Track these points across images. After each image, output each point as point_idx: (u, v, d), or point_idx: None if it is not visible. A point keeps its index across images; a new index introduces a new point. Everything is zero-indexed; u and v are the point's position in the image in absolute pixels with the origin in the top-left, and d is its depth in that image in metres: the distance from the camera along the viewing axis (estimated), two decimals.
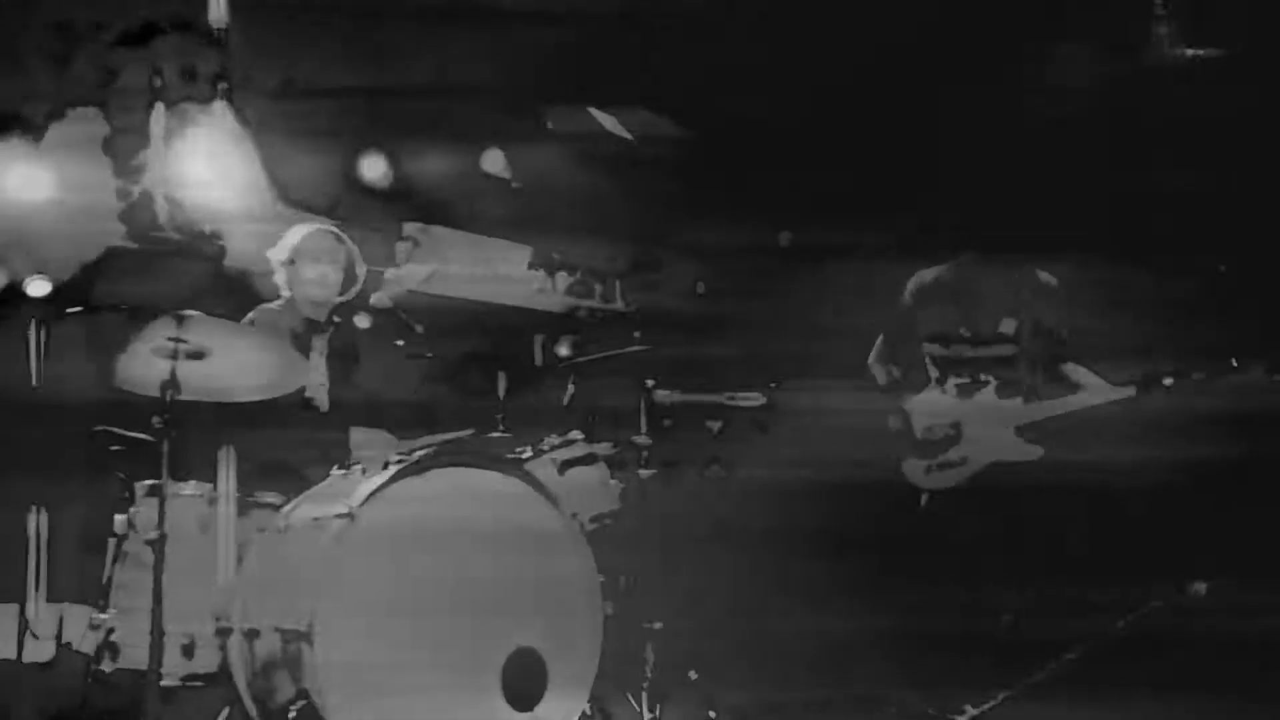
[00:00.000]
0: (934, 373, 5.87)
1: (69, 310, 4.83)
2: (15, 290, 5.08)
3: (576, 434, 5.22)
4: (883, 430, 5.75)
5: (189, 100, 5.63)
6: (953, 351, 5.83)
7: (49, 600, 5.09)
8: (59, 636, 4.99)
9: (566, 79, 6.39)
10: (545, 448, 5.15)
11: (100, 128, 5.54)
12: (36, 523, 5.08)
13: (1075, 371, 5.79)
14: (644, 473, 5.22)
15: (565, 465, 5.14)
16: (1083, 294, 5.80)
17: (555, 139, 6.59)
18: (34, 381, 5.04)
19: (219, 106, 5.65)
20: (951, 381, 5.81)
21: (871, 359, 5.99)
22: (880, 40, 6.02)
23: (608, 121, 6.71)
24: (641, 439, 5.27)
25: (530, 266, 6.54)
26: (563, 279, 6.61)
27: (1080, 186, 5.97)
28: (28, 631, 4.90)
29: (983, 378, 5.77)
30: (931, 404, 5.83)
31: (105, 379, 4.62)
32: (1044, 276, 5.90)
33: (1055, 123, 5.94)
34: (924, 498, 5.73)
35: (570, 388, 5.38)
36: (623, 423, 5.33)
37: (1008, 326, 5.81)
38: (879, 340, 5.99)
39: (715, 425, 5.76)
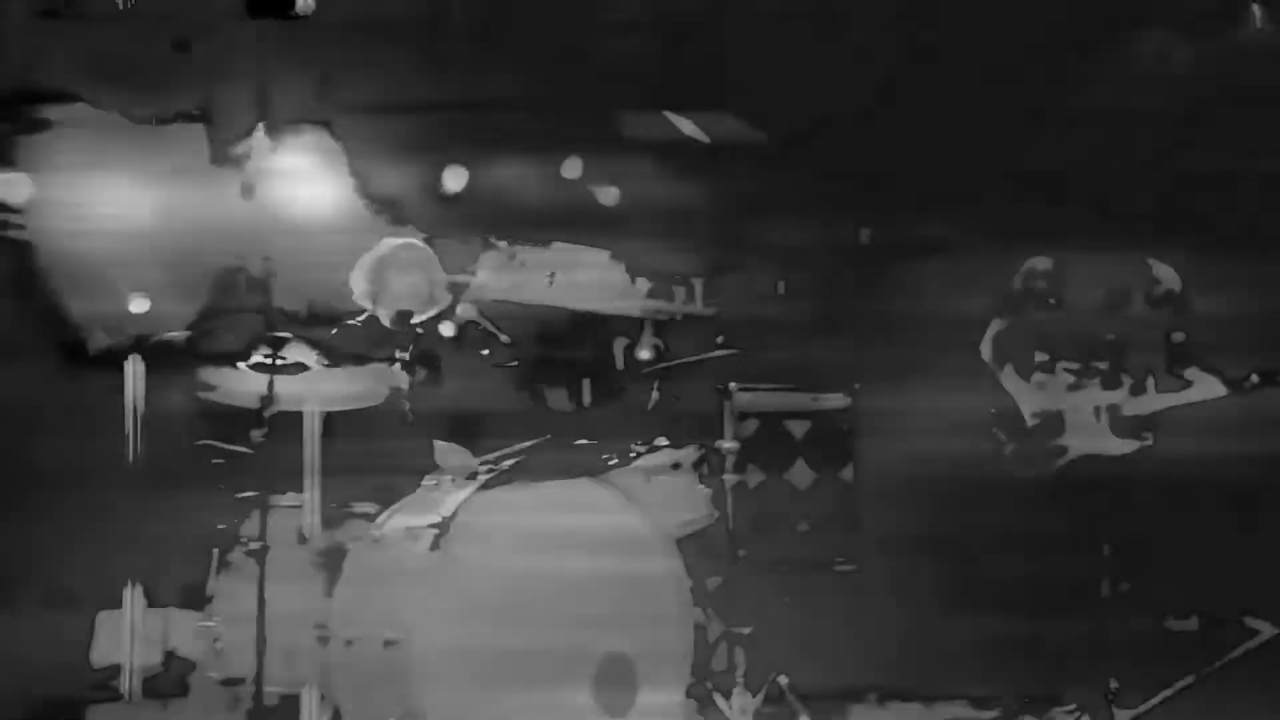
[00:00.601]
0: (1044, 360, 5.85)
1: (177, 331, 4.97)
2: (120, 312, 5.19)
3: (662, 440, 5.27)
4: (976, 426, 5.74)
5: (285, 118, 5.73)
6: (1063, 340, 5.81)
7: (152, 606, 5.21)
8: (165, 642, 5.16)
9: (642, 85, 6.43)
10: (632, 454, 5.21)
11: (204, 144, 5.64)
12: (140, 532, 5.21)
13: (1186, 366, 5.74)
14: (730, 477, 5.26)
15: (652, 472, 5.19)
16: (1196, 284, 5.73)
17: (632, 145, 6.62)
18: (136, 396, 5.19)
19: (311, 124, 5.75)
20: (1060, 370, 5.78)
21: (983, 345, 5.95)
22: (960, 30, 5.98)
23: (685, 125, 6.73)
24: (727, 443, 5.31)
25: (612, 271, 6.57)
26: (643, 283, 6.64)
27: (1182, 173, 5.89)
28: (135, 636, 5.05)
29: (1090, 367, 5.74)
30: (1038, 392, 5.81)
31: (207, 393, 4.75)
32: (1160, 268, 5.85)
33: (1153, 109, 5.87)
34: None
35: (655, 393, 5.42)
36: (707, 427, 5.36)
37: (1117, 317, 5.78)
38: (992, 326, 5.94)
39: (800, 427, 5.76)
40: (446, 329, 5.83)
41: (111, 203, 5.21)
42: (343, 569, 4.83)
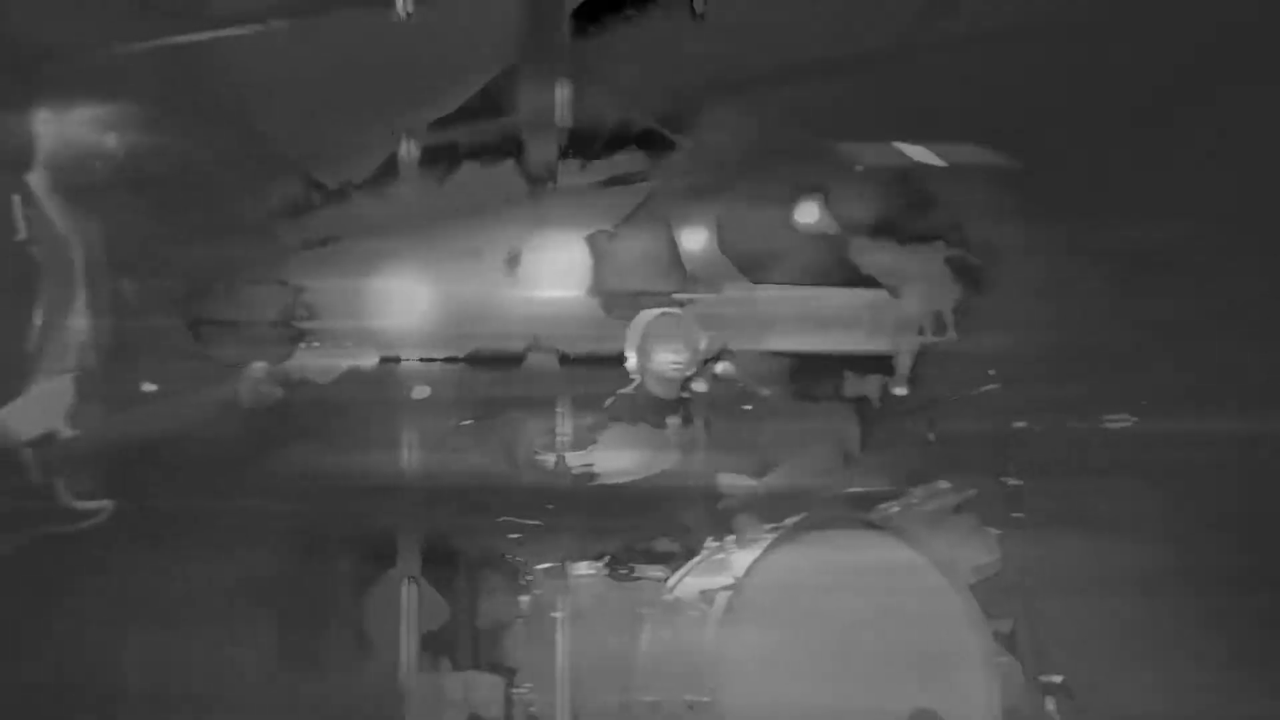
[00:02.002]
0: None
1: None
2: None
3: (942, 482, 5.12)
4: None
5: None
6: None
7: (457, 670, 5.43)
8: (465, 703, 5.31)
9: (875, 119, 6.32)
10: (913, 500, 5.07)
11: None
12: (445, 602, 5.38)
13: None
14: (1019, 515, 5.06)
15: (937, 516, 5.04)
16: None
17: (866, 179, 6.50)
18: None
19: None
20: None
21: None
22: (1202, 37, 5.71)
23: (917, 153, 6.58)
24: (1011, 480, 5.12)
25: (854, 309, 6.45)
26: (890, 318, 6.49)
27: None
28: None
29: None
30: None
31: (504, 469, 4.86)
32: None
33: None
34: None
35: (929, 434, 5.27)
36: (986, 465, 5.18)
37: None
38: None
39: (1087, 454, 5.52)
40: (699, 386, 5.82)
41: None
42: (641, 633, 4.87)
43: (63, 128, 4.06)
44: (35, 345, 3.99)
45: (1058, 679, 4.90)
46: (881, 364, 6.37)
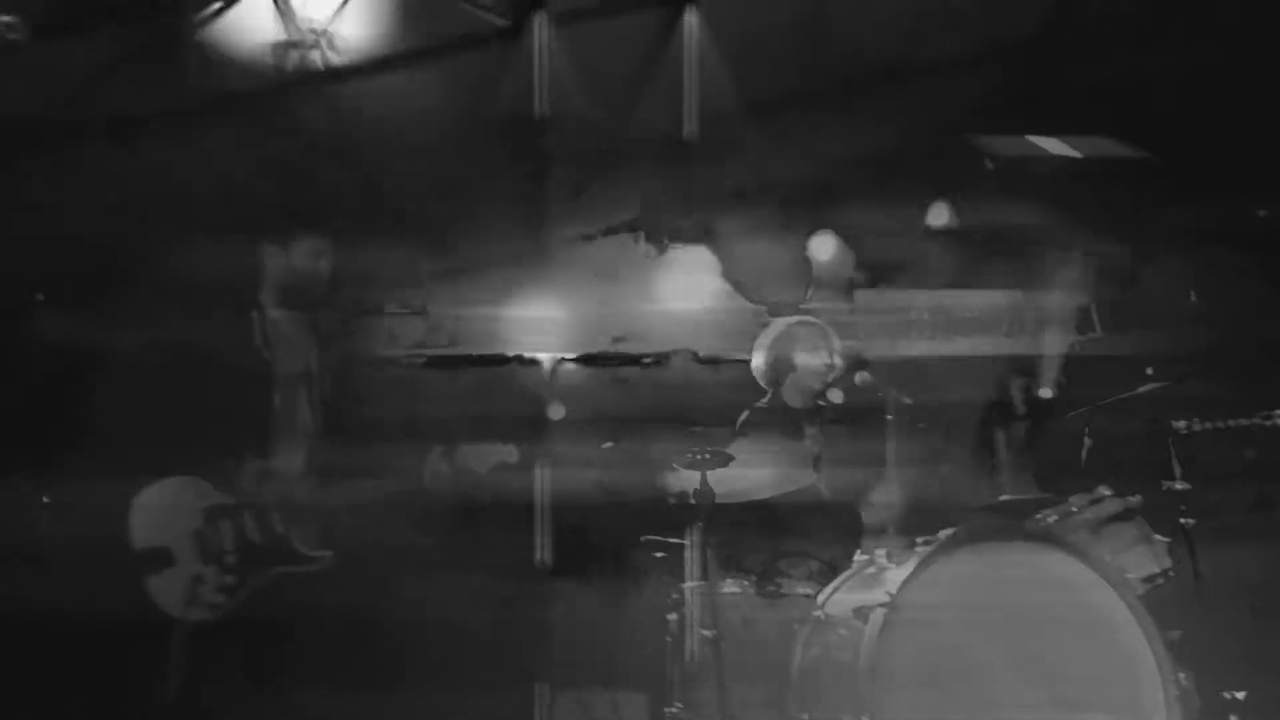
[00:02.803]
0: None
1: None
2: None
3: (1104, 489, 4.85)
4: None
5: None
6: None
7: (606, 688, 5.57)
8: None
9: (1004, 114, 6.11)
10: (1073, 509, 4.82)
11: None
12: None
13: None
14: (1188, 521, 4.79)
15: (1099, 525, 4.78)
16: None
17: (997, 177, 6.28)
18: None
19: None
20: None
21: None
22: None
23: (1051, 145, 6.34)
24: (1177, 484, 4.85)
25: (993, 311, 6.22)
26: (1030, 318, 6.24)
27: None
28: None
29: None
30: None
31: (644, 490, 4.87)
32: None
33: None
34: None
35: (1086, 439, 5.02)
36: (1148, 468, 4.92)
37: None
38: None
39: (1250, 453, 5.22)
40: (836, 396, 5.63)
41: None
42: (793, 651, 4.70)
43: (287, 258, 5.07)
44: (275, 426, 4.99)
45: (1240, 695, 4.62)
46: (1026, 367, 6.14)
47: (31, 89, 5.30)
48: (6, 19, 5.02)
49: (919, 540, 4.71)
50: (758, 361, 5.34)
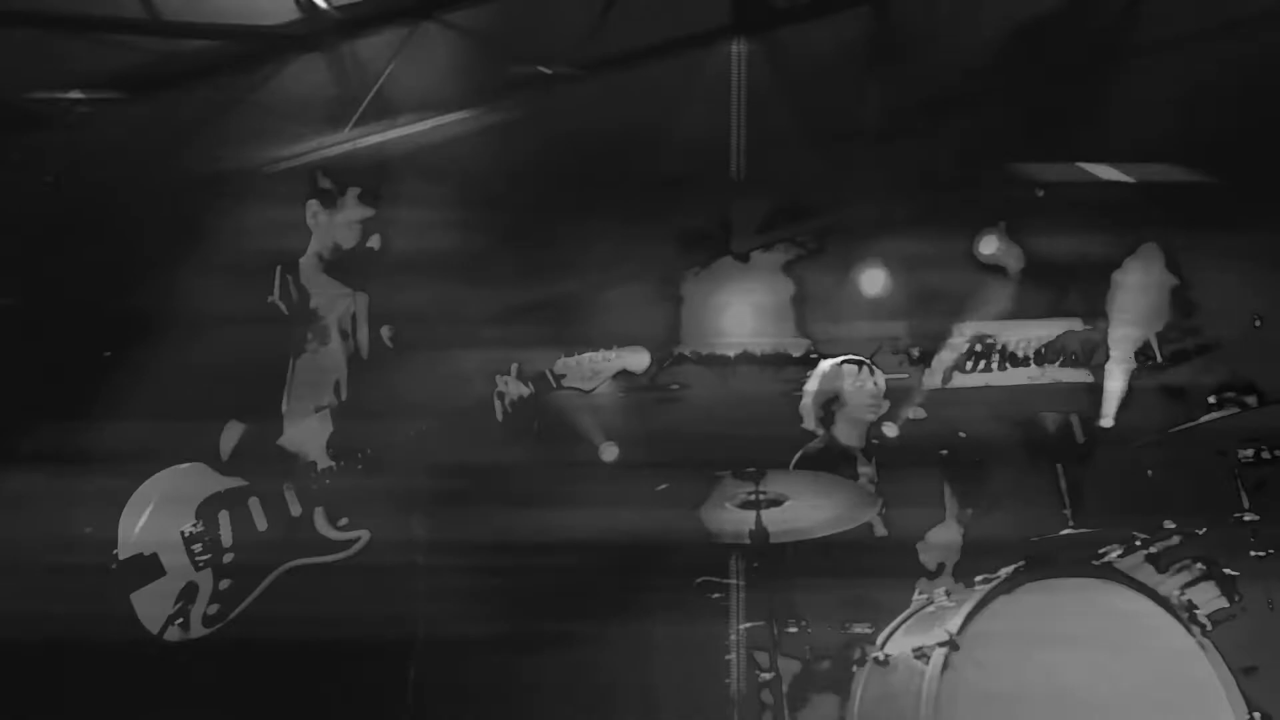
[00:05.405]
0: None
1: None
2: None
3: (1168, 522, 4.71)
4: None
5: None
6: None
7: None
8: None
9: (1054, 141, 6.02)
10: (1137, 543, 4.68)
11: None
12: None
13: None
14: (1258, 554, 4.64)
15: (1163, 560, 4.64)
16: None
17: (1049, 206, 6.17)
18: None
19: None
20: None
21: None
22: None
23: (1102, 171, 6.23)
24: (1245, 515, 4.70)
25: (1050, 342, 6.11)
26: (1088, 348, 6.13)
27: None
28: None
29: None
30: None
31: (698, 530, 4.75)
32: None
33: None
34: None
35: (1148, 470, 4.88)
36: (1215, 500, 4.77)
37: None
38: None
39: None
40: (891, 431, 5.54)
41: None
42: (855, 693, 4.58)
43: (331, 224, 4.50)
44: (296, 386, 4.25)
45: None
46: (1086, 397, 6.01)
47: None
48: (74, 95, 4.97)
49: (979, 578, 4.60)
50: (807, 401, 5.27)
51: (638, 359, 4.31)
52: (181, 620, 4.01)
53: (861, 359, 5.31)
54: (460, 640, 4.67)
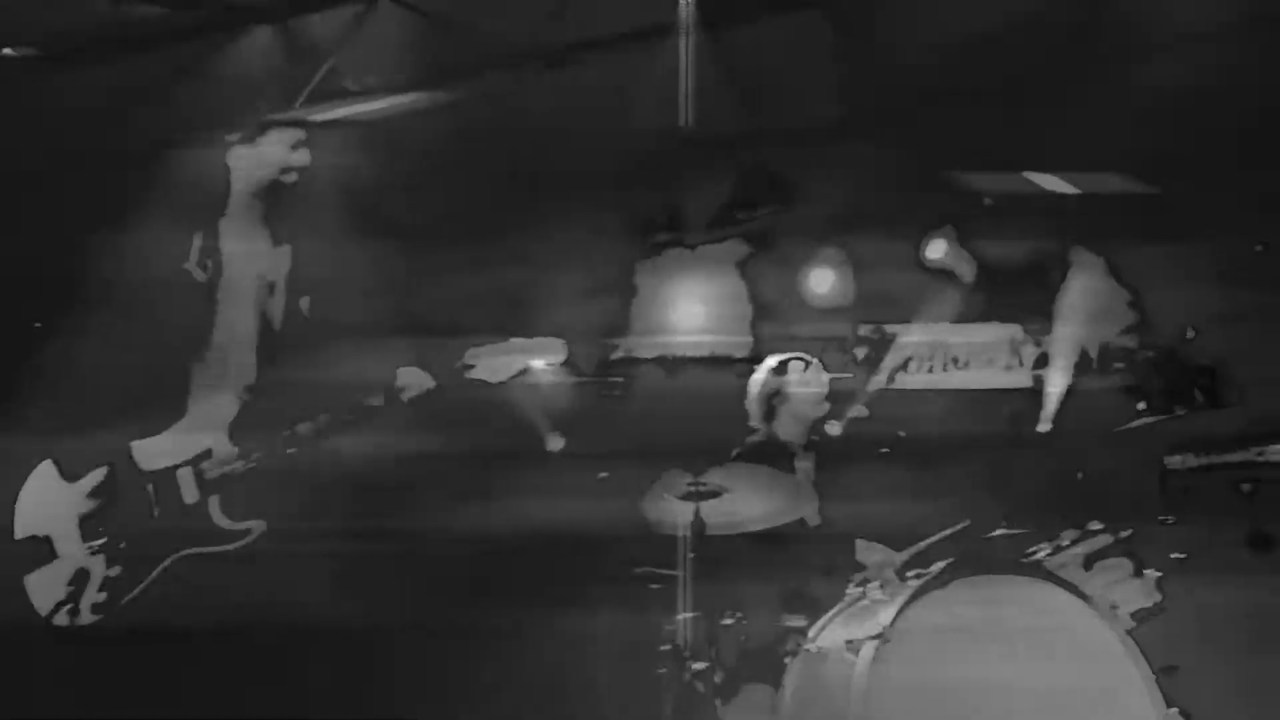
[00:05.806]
0: None
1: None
2: None
3: (1095, 524, 4.87)
4: None
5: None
6: None
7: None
8: None
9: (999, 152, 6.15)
10: (1065, 542, 4.84)
11: None
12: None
13: None
14: (1180, 556, 4.80)
15: (1090, 559, 4.80)
16: None
17: (994, 214, 6.31)
18: None
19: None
20: None
21: None
22: None
23: (1046, 181, 6.37)
24: (1167, 518, 4.86)
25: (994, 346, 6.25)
26: (1029, 353, 6.27)
27: None
28: None
29: None
30: None
31: (638, 521, 4.80)
32: None
33: None
34: None
35: (1078, 473, 5.04)
36: (1140, 504, 4.93)
37: None
38: None
39: (1247, 488, 5.22)
40: (834, 429, 5.67)
41: None
42: (787, 683, 4.71)
43: (256, 151, 4.28)
44: (201, 364, 4.07)
45: None
46: (1023, 401, 6.16)
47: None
48: (9, 51, 4.81)
49: (912, 573, 4.74)
50: (751, 395, 5.39)
51: (548, 351, 4.29)
52: (71, 606, 3.92)
53: (807, 357, 5.44)
54: (380, 630, 4.60)
